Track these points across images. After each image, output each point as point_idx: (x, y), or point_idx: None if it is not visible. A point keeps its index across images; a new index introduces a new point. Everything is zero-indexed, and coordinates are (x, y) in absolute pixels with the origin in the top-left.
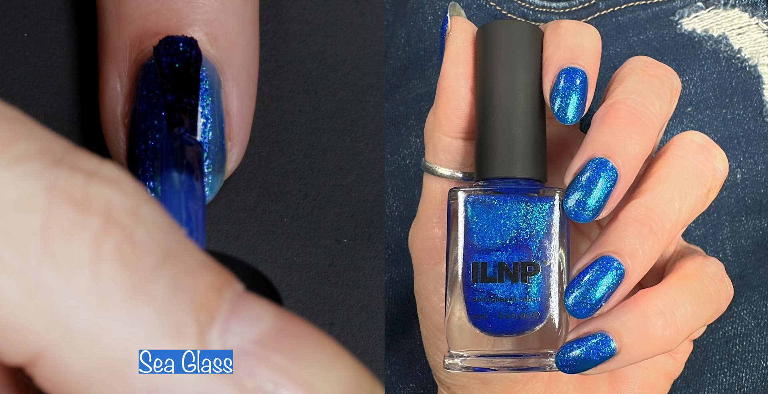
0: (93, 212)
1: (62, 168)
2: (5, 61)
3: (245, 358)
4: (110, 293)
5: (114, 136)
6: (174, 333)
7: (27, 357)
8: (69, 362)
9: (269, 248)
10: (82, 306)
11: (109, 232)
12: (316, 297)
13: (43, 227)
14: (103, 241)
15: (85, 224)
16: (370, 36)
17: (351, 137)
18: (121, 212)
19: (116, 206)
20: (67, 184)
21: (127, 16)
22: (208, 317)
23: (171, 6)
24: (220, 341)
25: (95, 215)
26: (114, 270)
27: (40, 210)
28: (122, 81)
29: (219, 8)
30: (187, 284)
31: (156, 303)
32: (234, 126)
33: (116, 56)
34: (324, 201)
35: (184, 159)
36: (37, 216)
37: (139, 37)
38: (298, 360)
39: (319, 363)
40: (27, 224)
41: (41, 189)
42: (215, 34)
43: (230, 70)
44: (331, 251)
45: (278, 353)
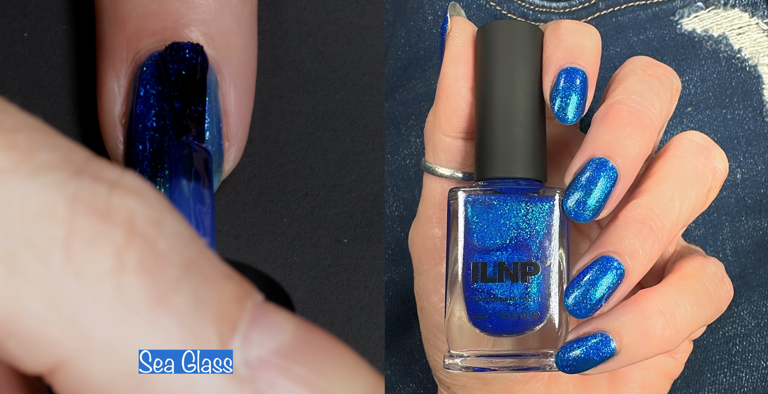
0: (116, 223)
1: (84, 178)
2: (5, 61)
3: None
4: (133, 304)
5: (112, 137)
6: (196, 344)
7: (48, 366)
8: (90, 372)
9: (269, 248)
10: (104, 316)
11: (131, 242)
12: (316, 297)
13: (65, 237)
14: (126, 251)
15: (107, 234)
16: (370, 36)
17: (351, 137)
18: (143, 222)
19: (139, 216)
20: (90, 195)
21: (124, 16)
22: (229, 328)
23: (168, 6)
24: (241, 352)
25: (118, 226)
26: (136, 281)
27: (63, 220)
28: (119, 81)
29: (216, 8)
30: (209, 294)
31: (178, 314)
32: (232, 126)
33: (113, 56)
34: (324, 201)
35: (193, 167)
36: (59, 226)
37: (136, 37)
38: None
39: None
40: (50, 234)
41: (63, 199)
42: (212, 34)
43: (227, 70)
44: (331, 251)
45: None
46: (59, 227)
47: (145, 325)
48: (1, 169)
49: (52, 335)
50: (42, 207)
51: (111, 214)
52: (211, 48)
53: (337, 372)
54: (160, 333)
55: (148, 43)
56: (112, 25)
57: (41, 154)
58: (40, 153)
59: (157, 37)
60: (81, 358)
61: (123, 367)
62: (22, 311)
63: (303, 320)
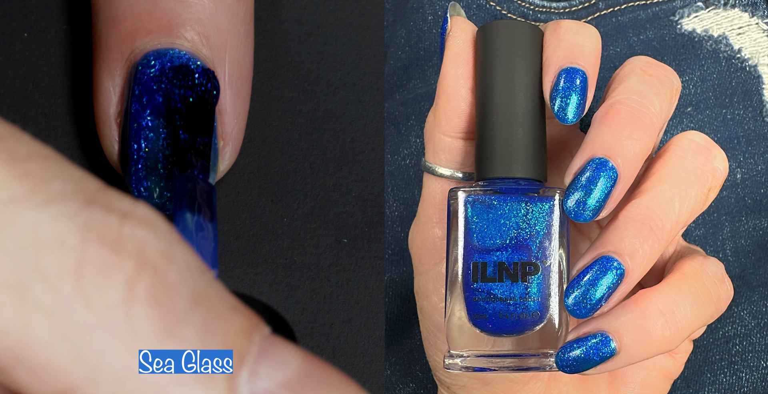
0: (127, 253)
1: (96, 208)
2: (5, 61)
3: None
4: (142, 335)
5: (107, 136)
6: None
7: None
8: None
9: (269, 248)
10: (113, 347)
11: (142, 273)
12: (316, 297)
13: (76, 266)
14: (137, 282)
15: (118, 264)
16: (370, 36)
17: (351, 137)
18: (154, 253)
19: (150, 247)
20: (101, 225)
21: (119, 15)
22: (237, 361)
23: (163, 5)
24: (248, 385)
25: (129, 256)
26: (146, 312)
27: (74, 250)
28: (114, 80)
29: (211, 7)
30: (218, 327)
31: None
32: (227, 125)
33: (109, 56)
34: (324, 201)
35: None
36: (71, 255)
37: (131, 36)
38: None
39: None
40: (61, 263)
41: (75, 229)
42: (207, 34)
43: (222, 69)
44: (331, 251)
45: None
46: (70, 257)
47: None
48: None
49: (61, 364)
50: (54, 236)
51: (122, 244)
52: (206, 47)
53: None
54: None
55: (143, 42)
56: (107, 25)
57: (54, 183)
58: (53, 182)
59: (152, 37)
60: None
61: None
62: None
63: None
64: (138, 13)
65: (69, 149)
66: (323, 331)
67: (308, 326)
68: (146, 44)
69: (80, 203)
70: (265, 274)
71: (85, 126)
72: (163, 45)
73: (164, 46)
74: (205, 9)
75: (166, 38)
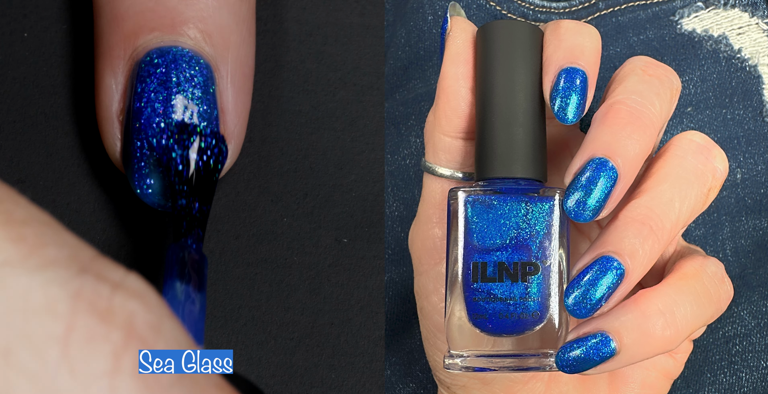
0: (116, 324)
1: (88, 277)
2: (5, 61)
3: None
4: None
5: (110, 134)
6: None
7: None
8: None
9: (269, 248)
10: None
11: (129, 345)
12: (316, 297)
13: (64, 334)
14: (124, 354)
15: (107, 335)
16: (370, 36)
17: (351, 137)
18: (143, 325)
19: (139, 319)
20: (92, 294)
21: (122, 13)
22: None
23: (166, 3)
24: None
25: (118, 327)
26: (131, 384)
27: (63, 317)
28: (117, 78)
29: (214, 6)
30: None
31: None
32: (229, 123)
33: (111, 54)
34: (324, 201)
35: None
36: (59, 323)
37: (134, 34)
38: None
39: None
40: (49, 329)
41: (66, 296)
42: (210, 32)
43: (225, 68)
44: (331, 251)
45: None
46: (59, 324)
47: None
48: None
49: None
50: (44, 302)
51: (112, 315)
52: (209, 45)
53: None
54: None
55: (146, 39)
56: (109, 23)
57: (48, 249)
58: (48, 248)
59: (155, 34)
60: None
61: None
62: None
63: None
64: (141, 10)
65: (69, 149)
66: (323, 331)
67: (308, 326)
68: (149, 42)
69: (73, 270)
70: (265, 274)
71: (86, 126)
72: (166, 43)
73: (167, 44)
74: (208, 7)
75: (169, 36)
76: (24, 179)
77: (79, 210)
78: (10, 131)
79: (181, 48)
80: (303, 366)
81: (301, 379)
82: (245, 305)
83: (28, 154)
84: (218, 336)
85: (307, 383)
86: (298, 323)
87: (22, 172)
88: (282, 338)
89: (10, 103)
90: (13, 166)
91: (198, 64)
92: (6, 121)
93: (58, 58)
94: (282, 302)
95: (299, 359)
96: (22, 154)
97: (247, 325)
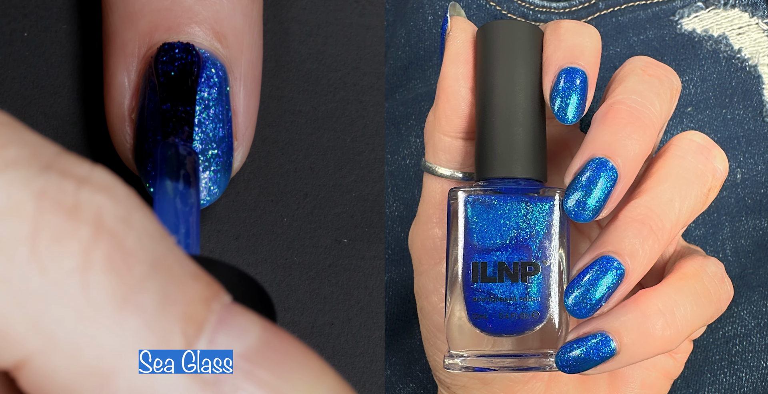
0: (83, 220)
1: (52, 174)
2: (5, 61)
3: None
4: (98, 303)
5: (120, 131)
6: (160, 344)
7: (12, 363)
8: (54, 369)
9: (269, 248)
10: (69, 315)
11: (99, 240)
12: (316, 297)
13: (31, 234)
14: (93, 249)
15: (75, 231)
16: (370, 36)
17: (351, 137)
18: (112, 219)
19: (107, 213)
20: (57, 191)
21: (136, 11)
22: (195, 330)
23: (182, 3)
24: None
25: (85, 223)
26: (103, 279)
27: (29, 217)
28: (130, 76)
29: (229, 7)
30: (176, 294)
31: (144, 314)
32: (240, 125)
33: (125, 51)
34: (324, 201)
35: (178, 167)
36: (25, 223)
37: (149, 32)
38: (283, 376)
39: (304, 380)
40: (15, 230)
41: (30, 195)
42: (225, 33)
43: (238, 70)
44: (331, 251)
45: (264, 368)
46: (25, 224)
47: (110, 324)
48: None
49: (16, 333)
50: (8, 203)
51: (79, 210)
52: (224, 47)
53: (302, 378)
54: (124, 333)
55: (161, 38)
56: (123, 20)
57: (8, 150)
58: (8, 149)
59: (170, 33)
60: (45, 356)
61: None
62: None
63: (270, 323)
64: (156, 9)
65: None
66: (323, 331)
67: (308, 326)
68: (164, 41)
69: (36, 169)
70: (265, 274)
71: (86, 126)
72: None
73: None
74: (223, 8)
75: (185, 36)
76: None
77: None
78: None
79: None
80: None
81: None
82: None
83: None
84: None
85: None
86: (298, 323)
87: None
88: None
89: (10, 103)
90: None
91: (214, 66)
92: None
93: (59, 57)
94: (282, 302)
95: None
96: None
97: None
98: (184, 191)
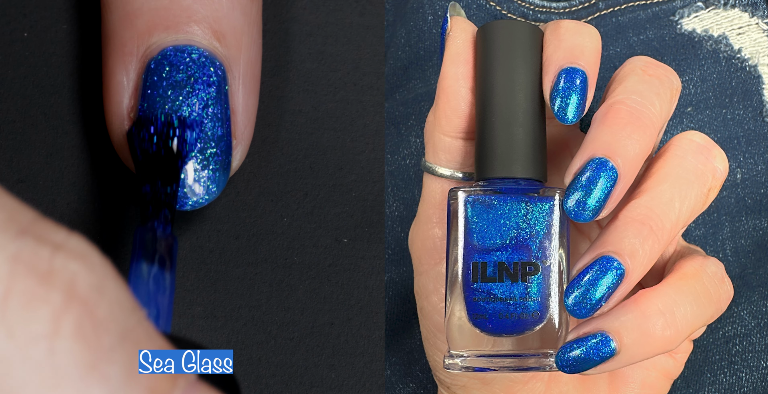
0: (56, 286)
1: (27, 239)
2: (5, 61)
3: None
4: (64, 370)
5: (119, 130)
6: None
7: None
8: None
9: (269, 248)
10: (33, 380)
11: (70, 307)
12: (316, 297)
13: (2, 297)
14: (64, 315)
15: (45, 297)
16: (370, 36)
17: (351, 137)
18: (84, 287)
19: (80, 280)
20: (32, 256)
21: (135, 10)
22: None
23: (180, 2)
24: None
25: (58, 289)
26: (71, 346)
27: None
28: (129, 75)
29: (227, 6)
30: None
31: (109, 384)
32: (239, 124)
33: (123, 51)
34: (324, 201)
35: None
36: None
37: (147, 31)
38: None
39: None
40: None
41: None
42: (224, 32)
43: (237, 69)
44: (331, 251)
45: None
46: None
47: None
48: None
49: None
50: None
51: (52, 277)
52: (223, 46)
53: None
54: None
55: (160, 38)
56: (121, 19)
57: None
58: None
59: (169, 32)
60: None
61: None
62: None
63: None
64: (155, 8)
65: (69, 149)
66: (323, 331)
67: (308, 326)
68: (163, 40)
69: (11, 233)
70: (265, 274)
71: (86, 126)
72: (180, 41)
73: (182, 43)
74: (222, 7)
75: (183, 35)
76: (24, 179)
77: (79, 210)
78: (10, 131)
79: (196, 47)
80: (303, 366)
81: (301, 379)
82: (245, 305)
83: (28, 154)
84: (218, 336)
85: (307, 383)
86: (298, 323)
87: (22, 172)
88: (282, 338)
89: (10, 103)
90: (13, 166)
91: (213, 65)
92: (6, 121)
93: (59, 57)
94: (282, 302)
95: (299, 359)
96: (22, 154)
97: (247, 325)
98: (158, 275)
